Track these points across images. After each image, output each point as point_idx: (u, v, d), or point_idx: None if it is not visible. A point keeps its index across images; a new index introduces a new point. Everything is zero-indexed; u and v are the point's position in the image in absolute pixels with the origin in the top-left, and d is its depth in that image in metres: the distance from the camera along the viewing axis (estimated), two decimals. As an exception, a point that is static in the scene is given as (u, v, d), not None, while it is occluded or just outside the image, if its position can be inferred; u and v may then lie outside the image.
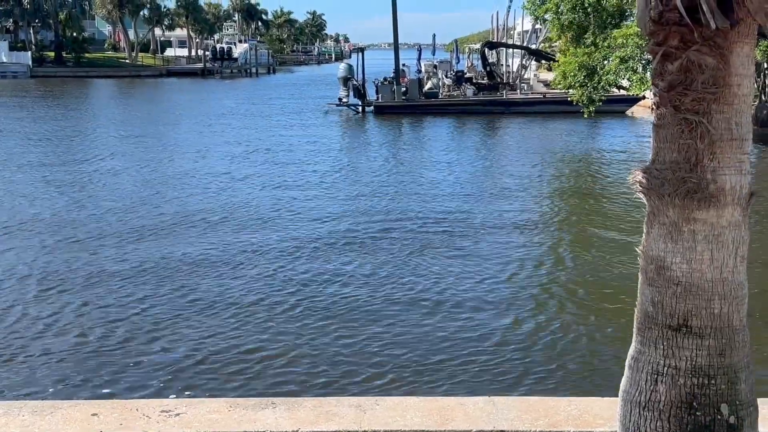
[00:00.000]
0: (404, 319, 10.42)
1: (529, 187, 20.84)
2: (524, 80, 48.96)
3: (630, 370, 3.79)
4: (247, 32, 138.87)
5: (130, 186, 20.36)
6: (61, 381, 8.44)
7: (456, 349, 9.34)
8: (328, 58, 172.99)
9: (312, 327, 10.10)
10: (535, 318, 10.53)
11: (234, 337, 9.69)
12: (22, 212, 16.97)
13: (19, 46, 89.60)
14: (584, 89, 25.46)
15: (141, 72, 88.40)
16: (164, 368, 8.75)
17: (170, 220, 16.25)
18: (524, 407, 5.46)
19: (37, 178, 21.58)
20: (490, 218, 16.77)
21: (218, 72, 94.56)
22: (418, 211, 17.44)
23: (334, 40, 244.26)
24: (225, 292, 11.50)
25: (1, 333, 9.78)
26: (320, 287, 11.80)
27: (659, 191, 3.55)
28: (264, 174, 22.53)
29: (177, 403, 5.49)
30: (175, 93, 63.46)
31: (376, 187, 20.55)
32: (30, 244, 14.26)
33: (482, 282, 12.10)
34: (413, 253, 13.79)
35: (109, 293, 11.42)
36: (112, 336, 9.71)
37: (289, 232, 15.32)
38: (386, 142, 32.75)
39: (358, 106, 43.11)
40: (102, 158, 25.69)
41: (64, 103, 50.76)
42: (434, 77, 47.26)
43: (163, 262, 13.05)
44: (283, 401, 5.55)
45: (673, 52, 3.41)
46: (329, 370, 8.73)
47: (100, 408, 5.40)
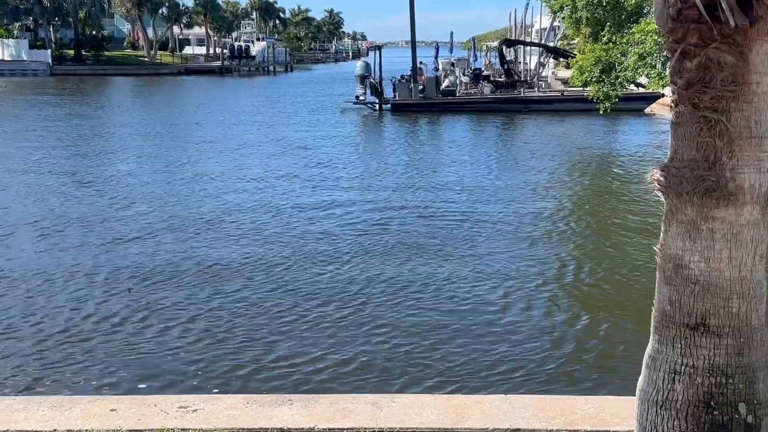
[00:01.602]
0: (421, 316, 10.42)
1: (547, 186, 20.77)
2: (542, 78, 48.78)
3: (647, 369, 3.78)
4: (264, 30, 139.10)
5: (153, 186, 20.35)
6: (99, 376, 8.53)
7: (472, 347, 9.33)
8: (346, 57, 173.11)
9: (327, 323, 10.13)
10: (551, 316, 10.51)
11: (252, 333, 9.74)
12: (51, 211, 17.01)
13: (39, 44, 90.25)
14: (601, 85, 25.28)
15: (159, 70, 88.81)
16: (185, 365, 8.81)
17: (179, 220, 16.30)
18: (541, 405, 5.46)
19: (64, 175, 21.68)
20: (507, 216, 16.73)
21: (236, 70, 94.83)
22: (435, 208, 17.44)
23: (352, 38, 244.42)
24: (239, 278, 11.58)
25: (57, 330, 9.87)
26: (334, 284, 11.83)
27: (677, 189, 3.54)
28: (282, 172, 22.53)
29: (194, 399, 5.53)
30: (194, 91, 63.74)
31: (394, 185, 20.54)
32: (62, 242, 14.29)
33: (497, 279, 12.08)
34: (429, 250, 13.80)
35: (145, 290, 11.51)
36: (142, 331, 9.80)
37: (303, 229, 15.35)
38: (403, 140, 32.72)
39: (375, 104, 43.10)
40: (129, 157, 25.84)
41: (85, 101, 51.13)
42: (451, 75, 47.15)
43: (185, 260, 13.14)
44: (299, 398, 5.58)
45: (692, 49, 3.40)
46: (346, 368, 8.75)
47: (118, 403, 5.44)
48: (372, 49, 48.62)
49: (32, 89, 60.92)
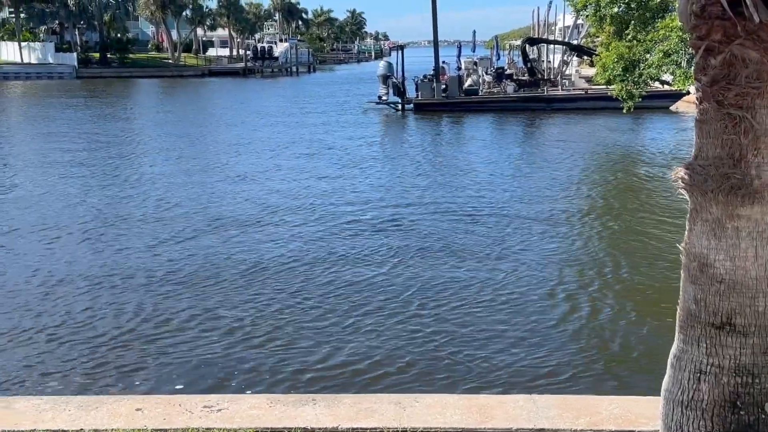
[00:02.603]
0: (445, 315, 10.41)
1: (571, 185, 20.65)
2: (566, 76, 48.48)
3: (672, 368, 3.75)
4: (287, 31, 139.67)
5: (188, 187, 20.46)
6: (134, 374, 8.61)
7: (495, 346, 9.31)
8: (368, 57, 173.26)
9: (351, 321, 10.16)
10: (575, 316, 10.45)
11: (288, 333, 9.79)
12: (91, 212, 17.16)
13: (65, 47, 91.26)
14: (624, 83, 25.07)
15: (183, 72, 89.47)
16: (209, 365, 8.87)
17: (217, 221, 16.39)
18: (565, 405, 5.43)
19: (100, 177, 21.91)
20: (531, 215, 16.67)
21: (259, 71, 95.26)
22: (459, 208, 17.42)
23: (374, 38, 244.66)
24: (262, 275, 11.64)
25: (102, 331, 9.97)
26: (359, 280, 11.87)
27: (702, 187, 3.51)
28: (312, 173, 22.58)
29: (219, 399, 5.56)
30: (218, 92, 64.15)
31: (421, 186, 20.49)
32: (102, 244, 14.39)
33: (521, 278, 12.05)
34: (454, 249, 13.79)
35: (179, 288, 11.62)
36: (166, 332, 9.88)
37: (337, 230, 15.37)
38: (426, 139, 32.71)
39: (397, 103, 43.10)
40: (162, 158, 26.03)
41: (112, 103, 51.63)
42: (474, 74, 47.00)
43: (226, 260, 13.24)
44: (323, 398, 5.59)
45: (716, 46, 3.36)
46: (369, 366, 8.77)
47: (144, 403, 5.49)
48: (394, 49, 48.56)
49: (59, 92, 61.60)
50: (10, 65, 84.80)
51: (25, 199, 18.75)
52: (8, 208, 17.66)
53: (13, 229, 15.57)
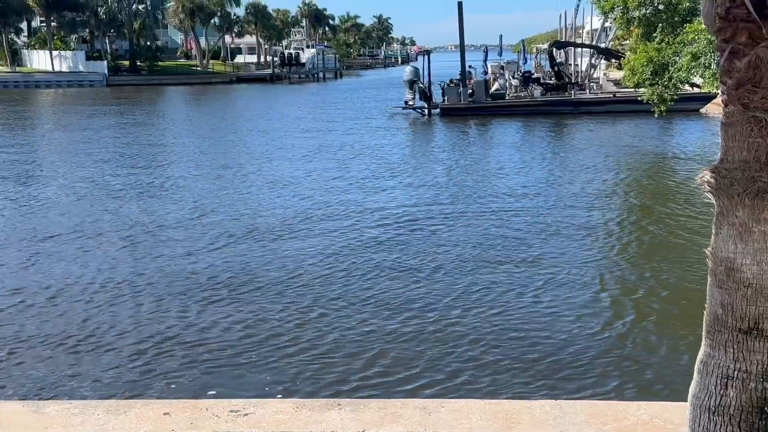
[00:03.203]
0: (472, 320, 10.40)
1: (599, 189, 20.52)
2: (593, 79, 48.20)
3: (699, 374, 3.71)
4: (314, 37, 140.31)
5: (224, 193, 20.69)
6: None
7: (522, 352, 9.27)
8: (395, 62, 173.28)
9: (377, 325, 10.17)
10: (602, 321, 10.38)
11: (299, 335, 9.83)
12: (129, 219, 17.33)
13: (96, 55, 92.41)
14: (654, 87, 24.81)
15: (212, 79, 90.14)
16: (239, 367, 8.93)
17: (255, 227, 16.51)
18: (592, 411, 5.39)
19: (136, 184, 22.17)
20: (558, 220, 16.60)
21: (286, 77, 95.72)
22: (492, 213, 17.40)
23: (401, 43, 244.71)
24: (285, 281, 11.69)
25: (143, 337, 10.11)
26: (386, 286, 11.92)
27: (728, 191, 3.47)
28: (343, 179, 22.68)
29: (245, 403, 5.59)
30: (247, 99, 64.56)
31: (449, 190, 20.55)
32: (143, 250, 14.55)
33: (549, 283, 12.00)
34: (482, 255, 13.77)
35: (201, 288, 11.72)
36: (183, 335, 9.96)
37: (362, 236, 15.44)
38: (453, 144, 32.66)
39: (424, 108, 43.09)
40: (196, 164, 26.28)
41: (143, 110, 52.15)
42: (501, 78, 46.89)
43: (265, 265, 13.32)
44: (348, 402, 5.61)
45: (741, 48, 3.33)
46: (397, 371, 8.78)
47: (171, 407, 5.54)
48: (421, 54, 48.61)
49: (90, 100, 62.36)
50: (41, 74, 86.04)
51: (62, 206, 19.00)
52: (47, 215, 17.89)
53: (49, 236, 15.74)
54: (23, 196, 20.14)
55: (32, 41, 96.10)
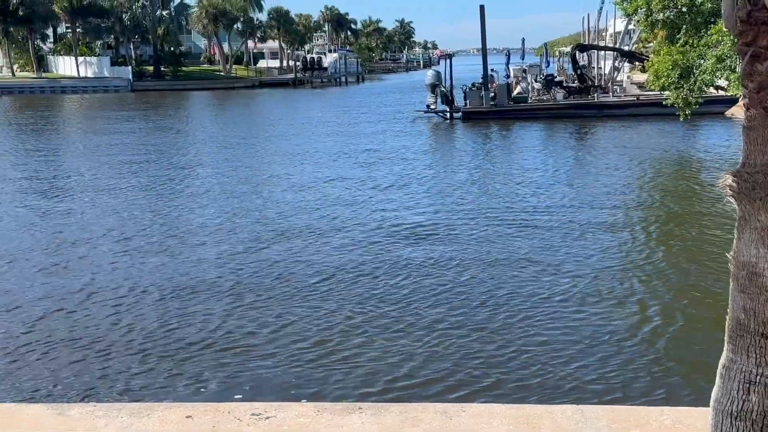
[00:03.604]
0: (496, 324, 10.38)
1: (624, 193, 20.39)
2: (617, 82, 47.87)
3: (721, 379, 3.68)
4: (336, 42, 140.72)
5: (254, 197, 20.75)
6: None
7: (543, 356, 9.23)
8: (417, 66, 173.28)
9: (401, 328, 10.18)
10: (624, 325, 10.32)
11: (322, 338, 9.86)
12: (161, 223, 17.46)
13: (120, 61, 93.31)
14: (679, 91, 24.58)
15: (235, 84, 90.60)
16: (264, 370, 8.98)
17: (284, 230, 16.58)
18: (614, 416, 5.37)
19: (165, 188, 22.37)
20: (583, 224, 16.52)
21: (309, 82, 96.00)
22: (516, 216, 17.35)
23: (423, 47, 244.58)
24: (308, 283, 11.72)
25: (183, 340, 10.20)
26: (411, 289, 11.91)
27: (750, 195, 3.45)
28: (363, 182, 22.70)
29: (267, 407, 5.62)
30: (270, 104, 64.82)
31: (472, 194, 20.52)
32: (176, 254, 14.61)
33: (570, 287, 11.94)
34: (507, 258, 13.74)
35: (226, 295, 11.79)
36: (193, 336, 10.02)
37: (388, 239, 15.46)
38: (475, 148, 32.60)
39: (446, 112, 43.04)
40: (225, 169, 26.29)
41: (166, 115, 52.54)
42: (523, 82, 46.73)
43: (298, 269, 13.39)
44: (369, 406, 5.62)
45: (763, 52, 3.32)
46: (418, 374, 8.78)
47: (194, 410, 5.58)
48: (443, 58, 48.55)
49: (116, 105, 62.96)
50: (67, 79, 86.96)
51: (90, 210, 19.13)
52: (75, 220, 18.03)
53: (78, 240, 15.86)
54: (52, 201, 20.34)
55: (58, 47, 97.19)
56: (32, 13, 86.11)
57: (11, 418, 5.46)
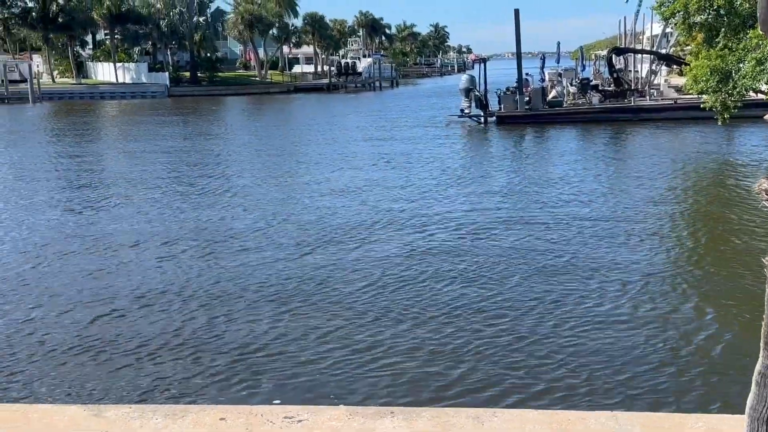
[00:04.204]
0: (534, 328, 10.32)
1: (662, 197, 20.16)
2: (654, 86, 47.39)
3: (757, 386, 3.62)
4: (370, 47, 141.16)
5: (296, 201, 20.85)
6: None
7: (577, 362, 9.16)
8: (451, 70, 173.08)
9: (432, 333, 10.17)
10: (659, 331, 10.20)
11: (354, 342, 9.88)
12: (206, 228, 17.55)
13: (158, 67, 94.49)
14: (718, 94, 24.24)
15: (270, 89, 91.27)
16: (291, 373, 9.03)
17: (332, 234, 16.66)
18: (649, 423, 5.31)
19: (211, 193, 22.48)
20: (622, 228, 16.35)
21: (343, 87, 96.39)
22: (553, 222, 17.18)
23: (457, 51, 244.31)
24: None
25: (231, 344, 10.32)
26: (450, 294, 11.92)
27: (786, 200, 3.40)
28: (402, 187, 22.68)
29: (299, 410, 5.65)
30: (305, 108, 65.11)
31: (506, 199, 20.41)
32: (222, 258, 14.73)
33: (606, 294, 11.83)
34: (550, 264, 13.66)
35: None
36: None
37: (418, 243, 15.44)
38: (511, 152, 32.45)
39: (480, 116, 42.92)
40: (266, 174, 26.43)
41: (203, 121, 53.01)
42: (558, 86, 46.48)
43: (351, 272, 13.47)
44: (401, 411, 5.62)
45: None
46: (452, 380, 8.76)
47: (227, 413, 5.63)
48: (477, 62, 48.34)
49: (153, 110, 63.72)
50: (106, 85, 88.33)
51: (133, 214, 19.34)
52: (122, 225, 18.16)
53: (121, 244, 16.03)
54: (96, 206, 20.59)
55: (97, 54, 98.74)
56: (72, 20, 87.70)
57: (49, 419, 5.56)
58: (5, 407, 6.46)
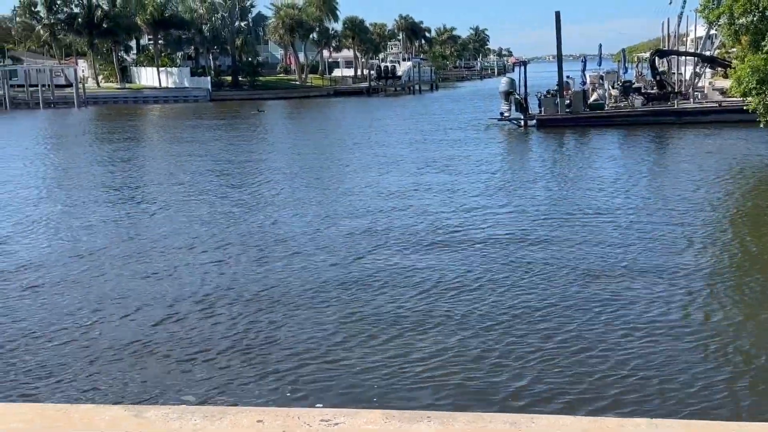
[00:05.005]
0: (571, 336, 10.24)
1: (707, 201, 19.87)
2: (698, 89, 46.63)
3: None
4: (410, 50, 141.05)
5: (346, 203, 21.12)
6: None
7: (617, 368, 9.06)
8: (491, 73, 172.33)
9: (472, 338, 10.14)
10: (704, 339, 10.05)
11: (385, 347, 9.89)
12: (245, 233, 17.66)
13: (200, 71, 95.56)
14: (762, 96, 23.78)
15: (310, 93, 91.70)
16: (332, 377, 9.06)
17: (388, 237, 16.72)
18: (689, 431, 5.21)
19: (251, 198, 22.70)
20: (667, 233, 16.16)
21: (382, 90, 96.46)
22: (600, 229, 16.96)
23: (497, 54, 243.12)
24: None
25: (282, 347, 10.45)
26: (503, 301, 11.94)
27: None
28: (449, 191, 22.65)
29: (336, 413, 5.66)
30: (345, 112, 65.38)
31: (552, 204, 20.26)
32: (274, 260, 14.91)
33: (654, 302, 11.66)
34: (584, 270, 13.56)
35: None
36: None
37: (466, 247, 15.44)
38: (552, 156, 32.15)
39: (520, 120, 42.63)
40: (315, 177, 26.60)
41: (245, 125, 53.53)
42: (600, 88, 45.95)
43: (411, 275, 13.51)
44: (437, 415, 5.59)
45: None
46: (491, 384, 8.73)
47: (264, 415, 5.66)
48: (517, 65, 48.02)
49: (196, 114, 64.46)
50: (149, 89, 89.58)
51: (187, 219, 19.50)
52: (173, 228, 18.40)
53: (173, 249, 16.18)
54: (147, 210, 20.91)
55: (141, 58, 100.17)
56: (116, 26, 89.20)
57: (90, 419, 5.64)
58: (48, 407, 6.58)
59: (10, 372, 9.64)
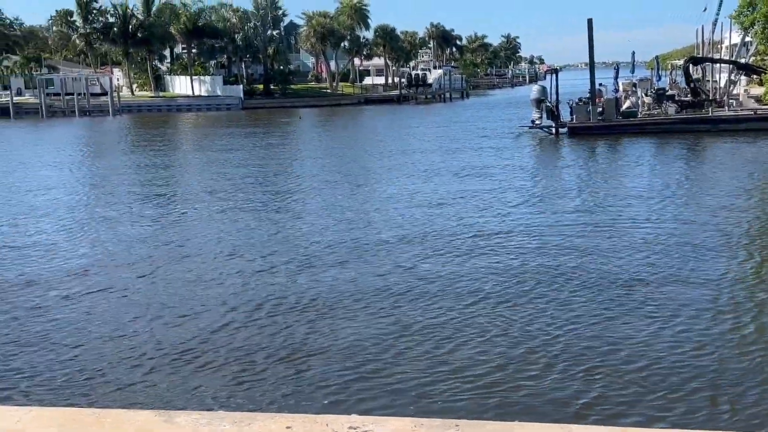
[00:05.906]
0: (604, 350, 10.14)
1: (743, 210, 19.47)
2: (733, 96, 46.02)
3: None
4: (441, 58, 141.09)
5: (387, 211, 21.08)
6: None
7: (652, 380, 8.96)
8: (522, 81, 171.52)
9: (504, 350, 10.09)
10: (739, 353, 9.89)
11: (411, 353, 9.86)
12: (281, 242, 17.62)
13: (232, 80, 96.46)
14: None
15: (341, 101, 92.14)
16: (352, 383, 9.06)
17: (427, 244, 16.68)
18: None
19: (287, 205, 22.78)
20: (703, 243, 15.91)
21: (413, 98, 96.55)
22: (634, 238, 16.73)
23: (529, 62, 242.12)
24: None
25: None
26: (547, 310, 11.88)
27: None
28: (475, 199, 22.54)
29: (364, 420, 5.65)
30: (376, 120, 65.51)
31: (585, 213, 20.01)
32: (324, 267, 14.93)
33: (690, 316, 11.47)
34: (617, 280, 13.41)
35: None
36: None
37: (484, 263, 15.18)
38: (584, 165, 31.69)
39: (551, 127, 42.36)
40: (352, 185, 26.62)
41: (277, 133, 53.96)
42: (633, 96, 45.55)
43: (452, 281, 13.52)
44: (466, 423, 5.56)
45: None
46: (517, 394, 8.67)
47: (293, 421, 5.67)
48: (549, 73, 47.79)
49: (229, 122, 65.03)
50: (182, 98, 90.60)
51: (229, 226, 19.55)
52: (214, 235, 18.42)
53: (215, 256, 16.23)
54: (186, 217, 21.06)
55: (174, 67, 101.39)
56: (151, 36, 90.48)
57: (121, 424, 5.70)
58: (81, 411, 6.65)
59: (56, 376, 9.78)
